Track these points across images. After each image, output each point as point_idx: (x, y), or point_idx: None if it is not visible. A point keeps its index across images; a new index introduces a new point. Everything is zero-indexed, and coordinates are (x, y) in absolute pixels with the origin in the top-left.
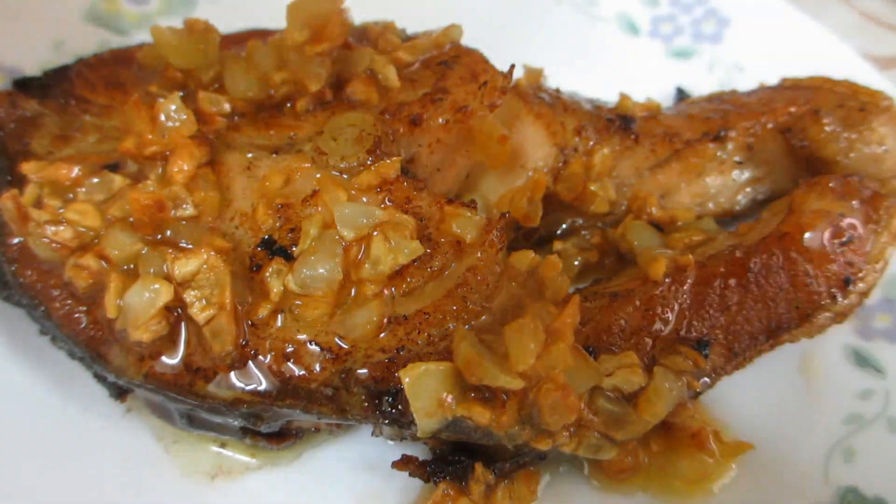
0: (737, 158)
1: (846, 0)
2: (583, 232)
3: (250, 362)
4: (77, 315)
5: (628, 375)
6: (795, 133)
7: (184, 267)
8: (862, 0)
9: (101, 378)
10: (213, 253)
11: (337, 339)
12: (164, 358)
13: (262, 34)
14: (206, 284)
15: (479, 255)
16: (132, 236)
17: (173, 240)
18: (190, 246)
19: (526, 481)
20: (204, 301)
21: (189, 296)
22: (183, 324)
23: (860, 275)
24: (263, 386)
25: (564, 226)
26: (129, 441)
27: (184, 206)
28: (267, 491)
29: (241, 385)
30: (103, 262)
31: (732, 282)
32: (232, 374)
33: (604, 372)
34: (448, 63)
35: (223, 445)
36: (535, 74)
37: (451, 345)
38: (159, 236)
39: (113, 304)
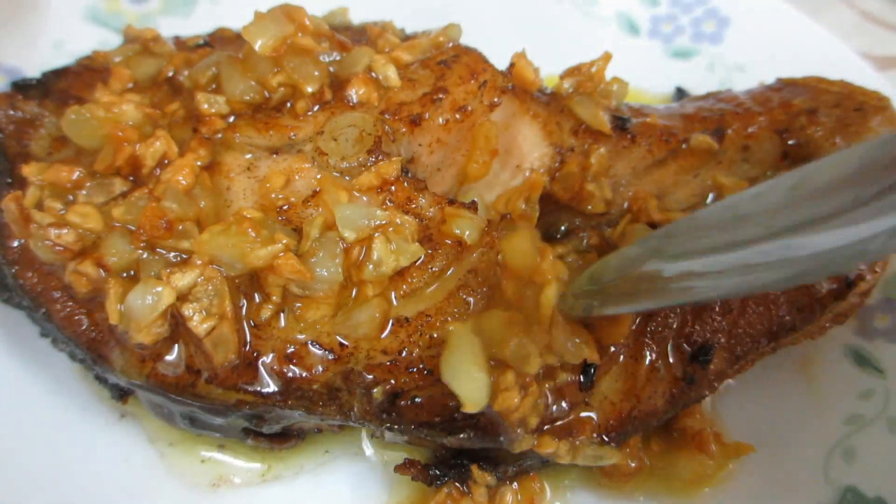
0: (733, 158)
1: (846, 0)
2: (580, 234)
3: (252, 364)
4: (78, 317)
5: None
6: (792, 133)
7: (180, 280)
8: (862, 0)
9: (102, 379)
10: (209, 265)
11: (339, 340)
12: (165, 359)
13: None
14: (205, 296)
15: (475, 255)
16: (130, 244)
17: (172, 246)
18: (185, 256)
19: (530, 487)
20: (203, 313)
21: (187, 309)
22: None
23: (861, 275)
24: (265, 387)
25: (563, 227)
26: (127, 444)
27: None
28: (266, 494)
29: (244, 386)
30: (101, 271)
31: None
32: (234, 375)
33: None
34: (447, 62)
35: (221, 447)
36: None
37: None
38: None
39: (114, 310)
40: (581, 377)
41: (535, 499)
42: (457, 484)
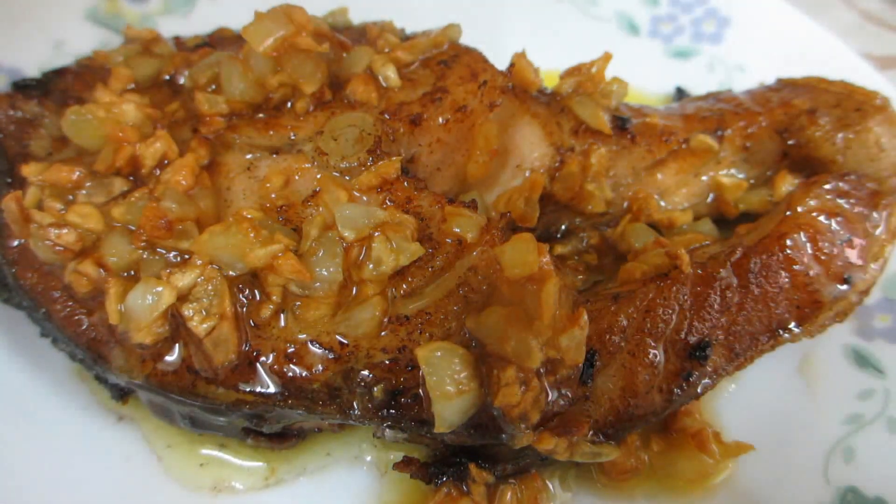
0: (733, 158)
1: (846, 0)
2: (580, 234)
3: (252, 363)
4: (78, 317)
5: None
6: (792, 133)
7: (180, 280)
8: (862, 0)
9: (102, 380)
10: (209, 265)
11: (339, 339)
12: (165, 359)
13: None
14: (205, 296)
15: (475, 254)
16: (131, 244)
17: (172, 246)
18: (185, 256)
19: (533, 486)
20: (203, 312)
21: (187, 309)
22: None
23: (860, 273)
24: (266, 387)
25: (563, 227)
26: (126, 446)
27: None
28: (268, 498)
29: (244, 386)
30: (101, 270)
31: (733, 282)
32: (234, 375)
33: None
34: (447, 62)
35: (222, 447)
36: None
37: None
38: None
39: (114, 310)
40: (581, 370)
41: (539, 497)
42: (455, 483)
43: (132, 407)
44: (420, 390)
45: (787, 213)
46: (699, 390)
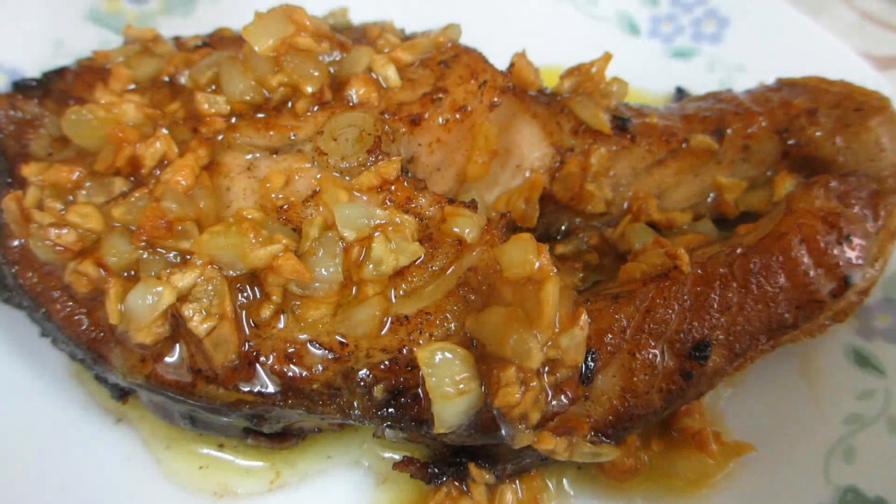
0: (733, 158)
1: (846, 0)
2: (580, 234)
3: (252, 363)
4: (78, 317)
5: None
6: (792, 133)
7: (180, 281)
8: (862, 0)
9: (102, 379)
10: (209, 265)
11: (339, 339)
12: (166, 359)
13: None
14: (205, 296)
15: (475, 254)
16: (131, 244)
17: (171, 246)
18: (186, 256)
19: (533, 485)
20: (203, 312)
21: (187, 309)
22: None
23: (860, 273)
24: (266, 387)
25: (563, 227)
26: (126, 447)
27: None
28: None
29: (244, 386)
30: (101, 271)
31: (733, 282)
32: (234, 375)
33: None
34: (447, 62)
35: (221, 447)
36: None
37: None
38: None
39: (114, 310)
40: (581, 370)
41: (539, 497)
42: (456, 483)
43: (131, 408)
44: (420, 390)
45: (787, 213)
46: (699, 390)
